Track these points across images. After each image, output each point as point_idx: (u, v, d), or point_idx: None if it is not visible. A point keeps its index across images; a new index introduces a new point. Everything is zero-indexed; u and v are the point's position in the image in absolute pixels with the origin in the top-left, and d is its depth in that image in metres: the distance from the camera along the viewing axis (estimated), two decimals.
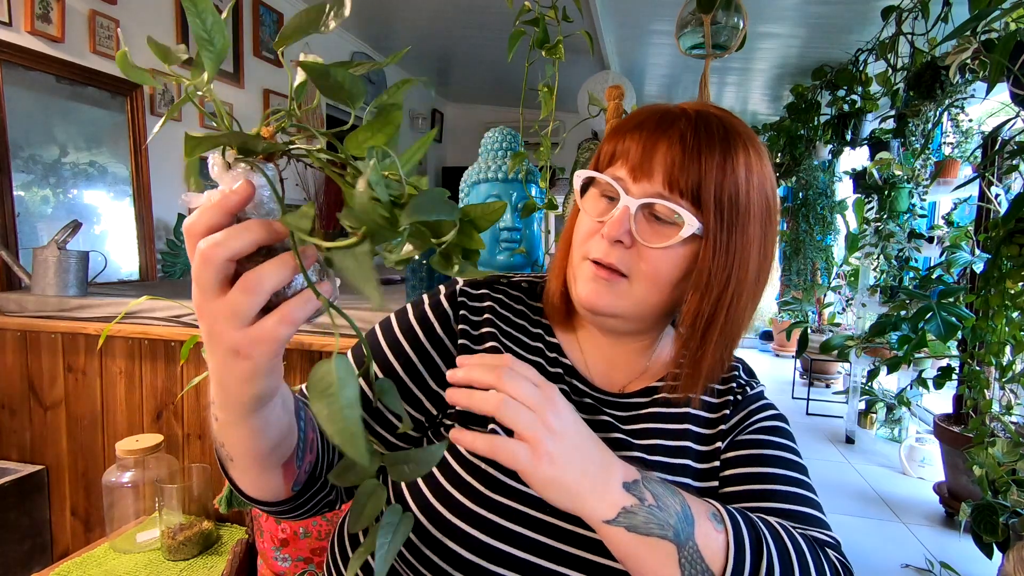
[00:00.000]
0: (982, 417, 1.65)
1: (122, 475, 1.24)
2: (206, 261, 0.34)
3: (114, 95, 2.12)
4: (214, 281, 0.34)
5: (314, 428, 0.52)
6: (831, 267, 4.43)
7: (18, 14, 1.80)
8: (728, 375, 0.67)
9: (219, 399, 0.41)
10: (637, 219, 0.54)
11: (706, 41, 1.89)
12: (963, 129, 2.78)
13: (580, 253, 0.58)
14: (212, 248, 0.34)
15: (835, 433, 3.46)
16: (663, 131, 0.55)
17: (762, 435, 0.61)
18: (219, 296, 0.34)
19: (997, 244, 1.48)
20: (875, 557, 2.11)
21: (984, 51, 1.76)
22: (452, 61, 4.31)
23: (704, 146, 0.53)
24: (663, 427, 0.61)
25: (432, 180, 5.21)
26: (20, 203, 1.79)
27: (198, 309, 0.36)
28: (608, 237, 0.54)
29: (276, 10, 2.98)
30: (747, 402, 0.64)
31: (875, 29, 2.83)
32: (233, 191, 0.34)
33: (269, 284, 0.34)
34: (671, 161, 0.53)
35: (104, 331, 1.37)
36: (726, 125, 0.55)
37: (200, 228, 0.34)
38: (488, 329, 0.61)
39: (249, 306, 0.34)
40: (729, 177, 0.53)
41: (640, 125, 0.57)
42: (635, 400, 0.63)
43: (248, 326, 0.35)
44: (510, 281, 0.69)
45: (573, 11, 1.38)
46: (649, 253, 0.54)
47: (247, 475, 0.47)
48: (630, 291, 0.56)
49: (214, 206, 0.35)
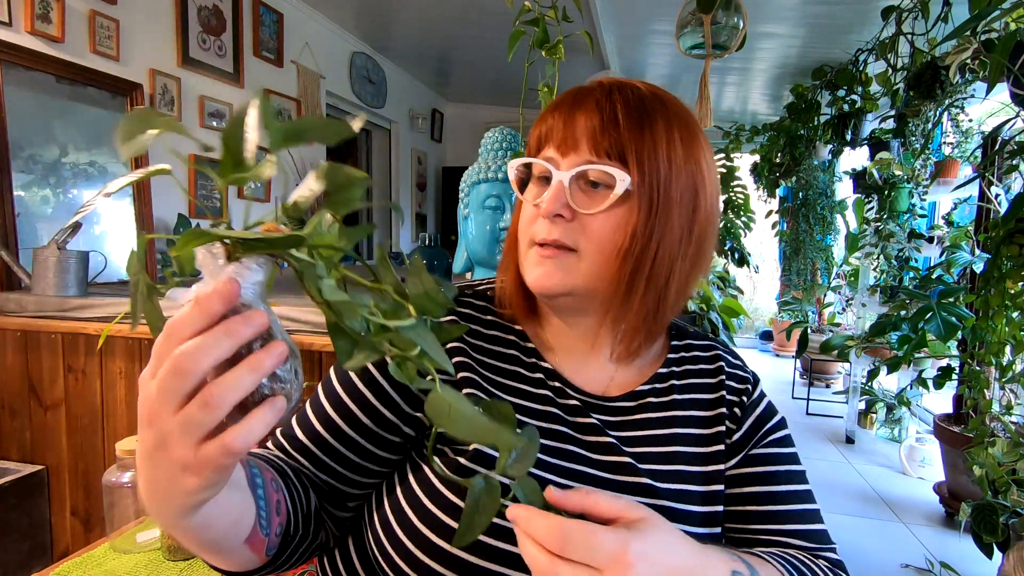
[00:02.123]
0: (982, 417, 1.65)
1: (122, 475, 1.24)
2: (180, 373, 0.30)
3: (114, 95, 2.12)
4: (181, 393, 0.31)
5: (278, 487, 0.49)
6: (831, 267, 4.43)
7: (18, 14, 1.80)
8: (708, 356, 0.66)
9: (152, 506, 0.36)
10: (572, 191, 0.55)
11: (706, 41, 1.89)
12: (963, 129, 2.78)
13: (526, 241, 0.58)
14: (189, 359, 0.30)
15: (835, 433, 3.46)
16: (580, 104, 0.56)
17: (775, 448, 0.62)
18: (178, 409, 0.31)
19: (997, 244, 1.48)
20: (875, 557, 2.11)
21: (984, 51, 1.76)
22: (452, 61, 4.31)
23: (620, 110, 0.55)
24: (652, 434, 0.60)
25: (432, 180, 5.21)
26: (20, 203, 1.80)
27: (147, 416, 0.32)
28: (547, 214, 0.54)
29: (276, 10, 2.98)
30: (753, 407, 0.63)
31: (875, 29, 2.83)
32: (216, 293, 0.31)
33: (234, 397, 0.31)
34: (591, 128, 0.55)
35: (104, 331, 1.37)
36: (643, 94, 0.57)
37: (187, 334, 0.31)
38: (459, 359, 0.59)
39: (208, 423, 0.31)
40: (647, 135, 0.54)
41: (558, 105, 0.58)
42: (621, 404, 0.61)
43: (201, 443, 0.31)
44: (475, 291, 0.66)
45: (573, 11, 1.38)
46: (590, 221, 0.55)
47: (209, 559, 0.45)
48: (579, 265, 0.55)
49: (198, 312, 0.31)
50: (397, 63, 4.28)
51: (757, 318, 6.43)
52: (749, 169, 4.56)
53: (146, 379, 0.32)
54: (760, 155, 4.40)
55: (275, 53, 3.00)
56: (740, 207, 4.26)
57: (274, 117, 0.32)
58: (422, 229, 5.01)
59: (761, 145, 4.38)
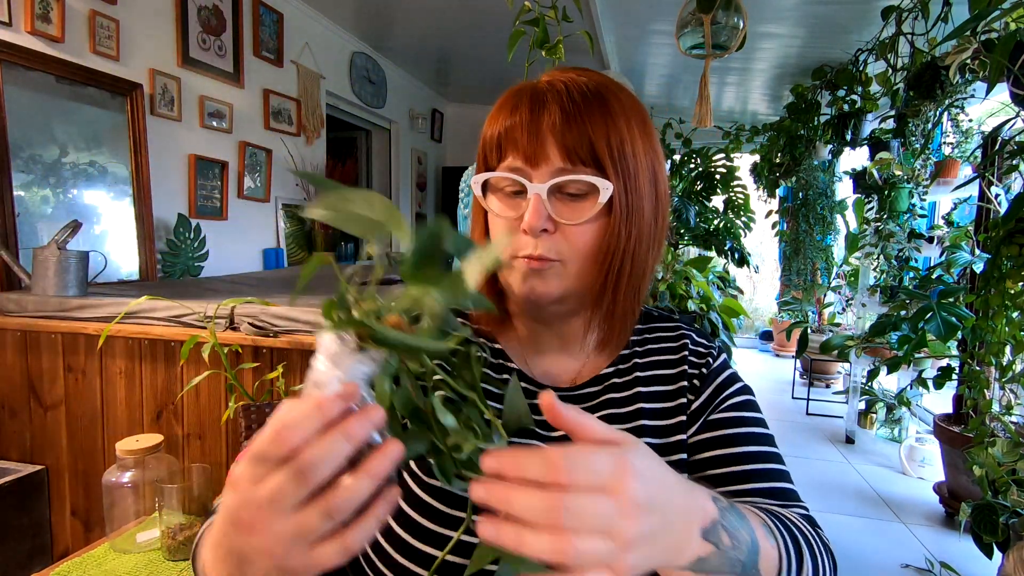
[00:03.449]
0: (982, 417, 1.65)
1: (122, 475, 1.24)
2: (302, 481, 0.30)
3: (114, 95, 2.12)
4: (299, 499, 0.30)
5: None
6: (831, 267, 4.43)
7: (18, 14, 1.80)
8: (672, 335, 0.66)
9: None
10: (551, 202, 0.54)
11: (706, 41, 1.89)
12: (963, 129, 2.78)
13: (507, 253, 0.57)
14: (311, 467, 0.29)
15: (835, 433, 3.46)
16: (540, 108, 0.54)
17: (734, 412, 0.61)
18: (294, 514, 0.30)
19: (997, 244, 1.48)
20: (875, 557, 2.11)
21: (984, 51, 1.76)
22: (452, 61, 4.31)
23: (583, 108, 0.53)
24: (616, 412, 0.60)
25: (432, 180, 5.21)
26: (20, 203, 1.80)
27: (248, 521, 0.31)
28: (531, 230, 0.53)
29: (276, 10, 2.98)
30: (713, 376, 0.63)
31: (875, 29, 2.83)
32: (341, 398, 0.31)
33: (355, 504, 0.30)
34: (559, 135, 0.53)
35: (104, 331, 1.37)
36: (596, 89, 0.55)
37: (303, 436, 0.30)
38: None
39: (325, 529, 0.30)
40: (613, 136, 0.54)
41: (514, 110, 0.56)
42: (587, 391, 0.62)
43: (311, 549, 0.31)
44: None
45: (573, 11, 1.38)
46: (573, 231, 0.54)
47: None
48: (566, 271, 0.55)
49: (318, 415, 0.31)
50: (397, 63, 4.28)
51: (757, 318, 6.43)
52: (749, 169, 4.56)
53: (245, 479, 0.31)
54: (760, 155, 4.41)
55: (275, 53, 3.00)
56: (740, 207, 4.26)
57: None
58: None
59: (761, 145, 4.39)
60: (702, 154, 4.20)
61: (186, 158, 2.46)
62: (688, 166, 4.23)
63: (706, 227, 4.17)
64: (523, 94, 0.56)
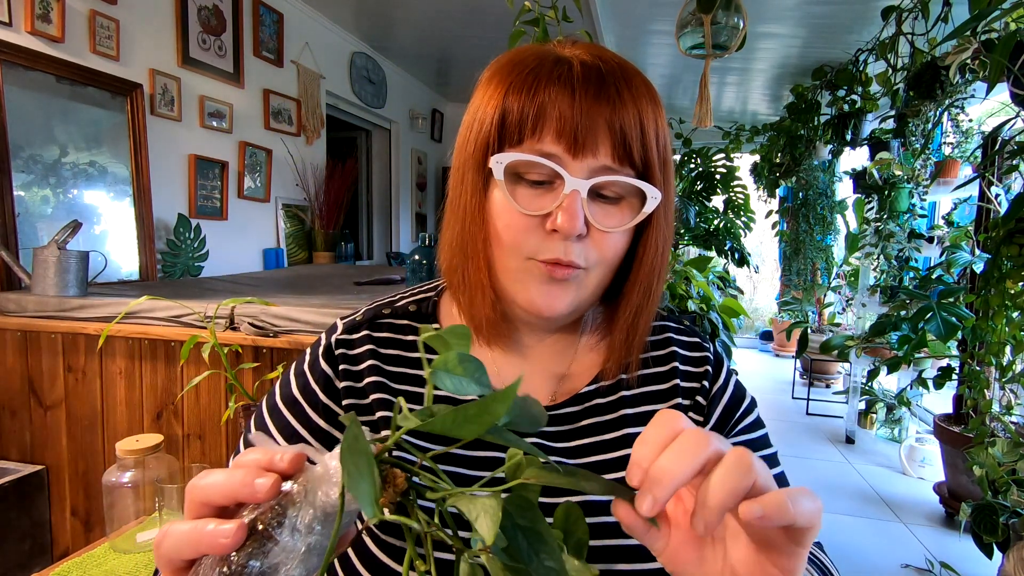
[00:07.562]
0: (982, 417, 1.65)
1: (122, 475, 1.24)
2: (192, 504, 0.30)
3: (114, 95, 2.12)
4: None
5: None
6: (831, 267, 4.43)
7: (18, 14, 1.80)
8: (660, 339, 0.58)
9: None
10: (587, 203, 0.45)
11: (706, 41, 1.89)
12: (963, 129, 2.79)
13: (521, 253, 0.47)
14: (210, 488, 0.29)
15: (835, 433, 3.46)
16: (600, 89, 0.44)
17: (747, 435, 0.56)
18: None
19: (997, 244, 1.48)
20: (875, 557, 2.11)
21: (984, 51, 1.76)
22: (452, 61, 4.31)
23: (635, 97, 0.45)
24: (600, 440, 0.52)
25: (432, 180, 5.21)
26: (20, 203, 1.80)
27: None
28: (568, 234, 0.44)
29: (276, 10, 2.98)
30: (720, 394, 0.56)
31: (875, 29, 2.83)
32: (289, 461, 0.30)
33: None
34: (618, 128, 0.44)
35: (104, 331, 1.37)
36: (631, 68, 0.47)
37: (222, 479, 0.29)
38: (372, 378, 0.52)
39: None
40: (661, 126, 0.47)
41: (563, 80, 0.44)
42: (567, 411, 0.54)
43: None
44: (395, 308, 0.58)
45: (573, 11, 1.38)
46: (606, 238, 0.46)
47: None
48: (587, 281, 0.48)
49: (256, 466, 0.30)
50: (397, 63, 4.28)
51: (757, 318, 6.43)
52: (749, 169, 4.56)
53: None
54: (760, 155, 4.41)
55: (275, 53, 3.00)
56: (740, 207, 4.26)
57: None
58: (422, 229, 5.01)
59: (761, 145, 4.39)
60: (702, 154, 4.21)
61: (186, 158, 2.46)
62: (688, 166, 4.23)
63: (706, 227, 4.18)
64: (562, 64, 0.45)
